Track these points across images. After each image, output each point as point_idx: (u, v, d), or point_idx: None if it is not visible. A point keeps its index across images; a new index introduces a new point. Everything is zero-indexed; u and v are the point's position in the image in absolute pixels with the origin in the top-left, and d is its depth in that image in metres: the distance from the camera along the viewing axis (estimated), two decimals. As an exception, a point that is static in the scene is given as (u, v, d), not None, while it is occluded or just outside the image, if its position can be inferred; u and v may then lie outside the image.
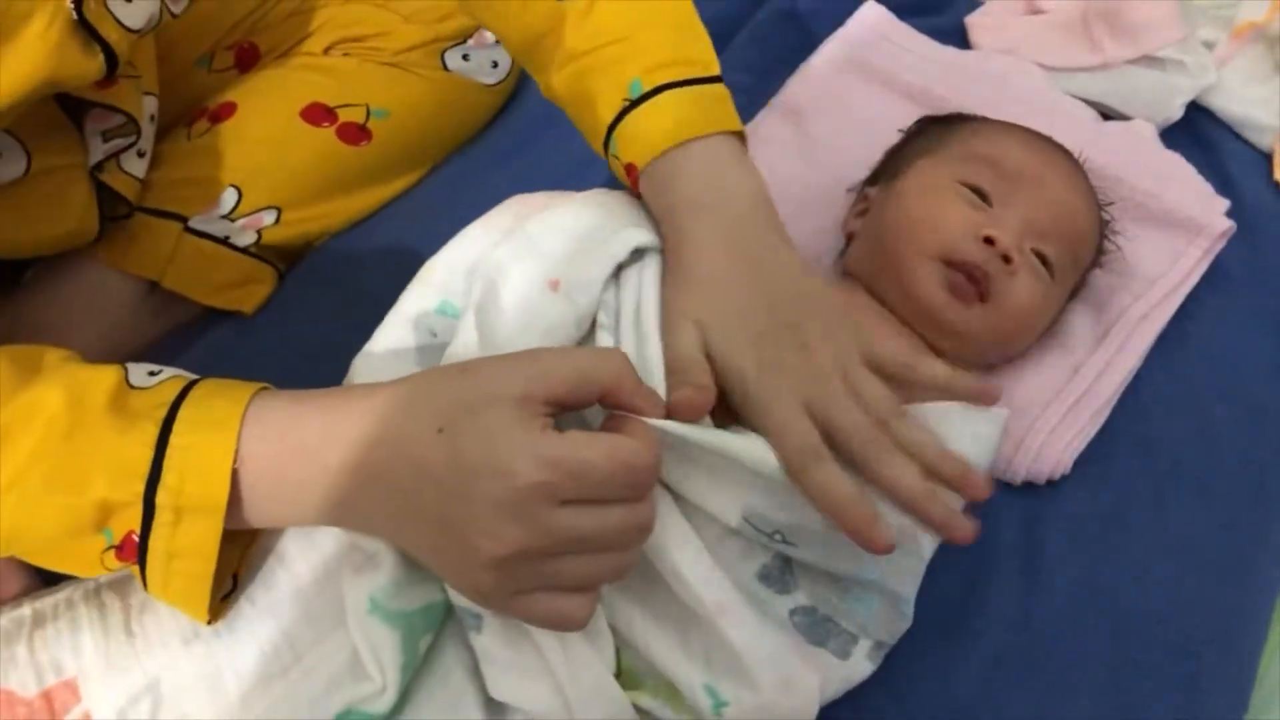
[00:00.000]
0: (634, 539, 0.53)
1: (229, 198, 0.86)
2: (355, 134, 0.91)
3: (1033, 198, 0.74)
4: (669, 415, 0.57)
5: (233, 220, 0.86)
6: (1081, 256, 0.78)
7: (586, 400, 0.53)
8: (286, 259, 0.91)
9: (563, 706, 0.56)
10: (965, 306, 0.71)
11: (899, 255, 0.73)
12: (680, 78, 0.67)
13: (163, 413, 0.53)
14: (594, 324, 0.63)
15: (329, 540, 0.60)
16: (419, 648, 0.57)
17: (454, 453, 0.50)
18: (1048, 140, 0.80)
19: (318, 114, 0.90)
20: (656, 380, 0.59)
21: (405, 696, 0.58)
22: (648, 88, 0.67)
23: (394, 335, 0.66)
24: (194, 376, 0.57)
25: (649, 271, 0.65)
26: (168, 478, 0.52)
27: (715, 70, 0.70)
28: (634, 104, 0.66)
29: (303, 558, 0.61)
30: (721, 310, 0.61)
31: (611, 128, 0.67)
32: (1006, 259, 0.71)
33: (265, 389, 0.56)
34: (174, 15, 0.72)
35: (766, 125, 0.97)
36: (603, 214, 0.66)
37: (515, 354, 0.54)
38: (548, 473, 0.48)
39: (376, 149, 0.92)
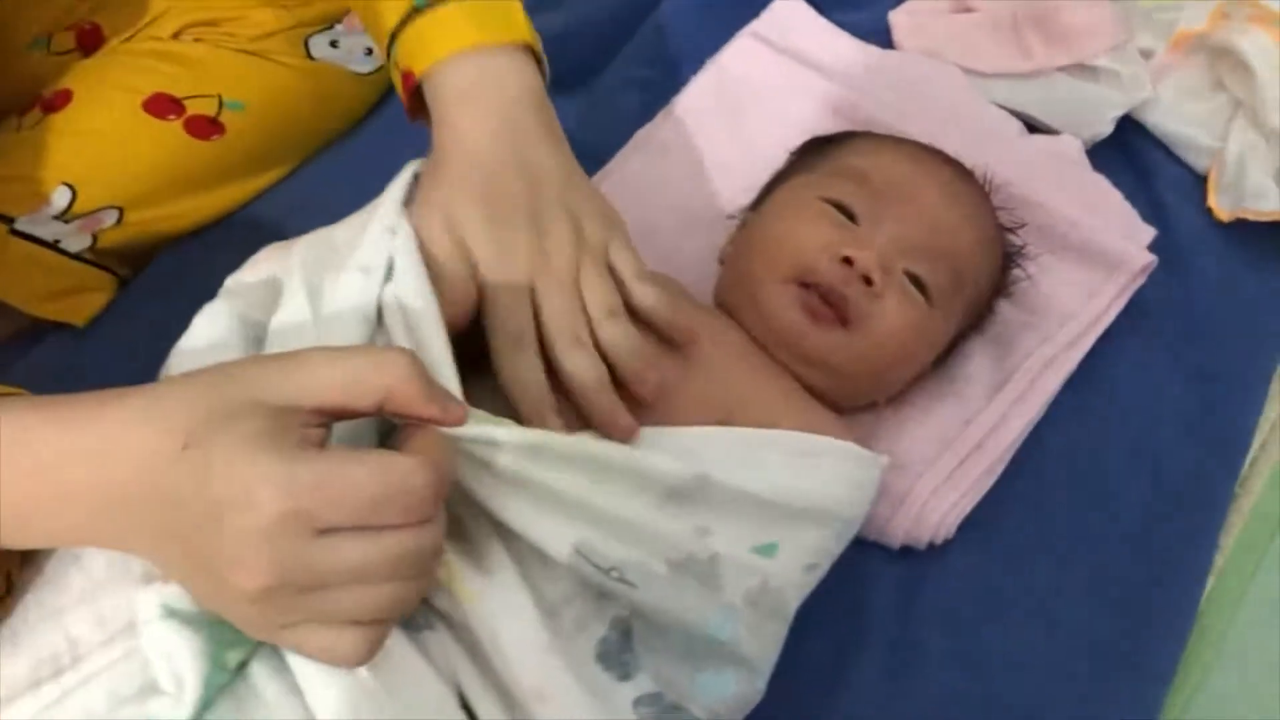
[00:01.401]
0: (416, 570, 0.47)
1: (61, 197, 0.79)
2: (205, 127, 0.83)
3: (903, 213, 0.67)
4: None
5: (66, 221, 0.79)
6: (965, 277, 0.70)
7: (364, 409, 0.47)
8: (130, 263, 0.84)
9: None
10: (824, 330, 0.65)
11: (753, 278, 0.67)
12: None
13: None
14: None
15: None
16: (226, 659, 0.50)
17: (199, 475, 0.44)
18: (931, 152, 0.73)
19: (163, 105, 0.82)
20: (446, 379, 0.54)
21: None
22: None
23: (218, 330, 0.60)
24: None
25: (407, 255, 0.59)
26: None
27: None
28: (418, 10, 0.64)
29: (100, 553, 0.54)
30: (469, 194, 0.60)
31: (395, 35, 0.65)
32: (868, 280, 0.64)
33: (9, 397, 0.50)
34: None
35: (663, 131, 0.89)
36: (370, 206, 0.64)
37: (280, 356, 0.47)
38: (299, 500, 0.43)
39: (231, 143, 0.84)
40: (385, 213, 0.61)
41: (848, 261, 0.64)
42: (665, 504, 0.55)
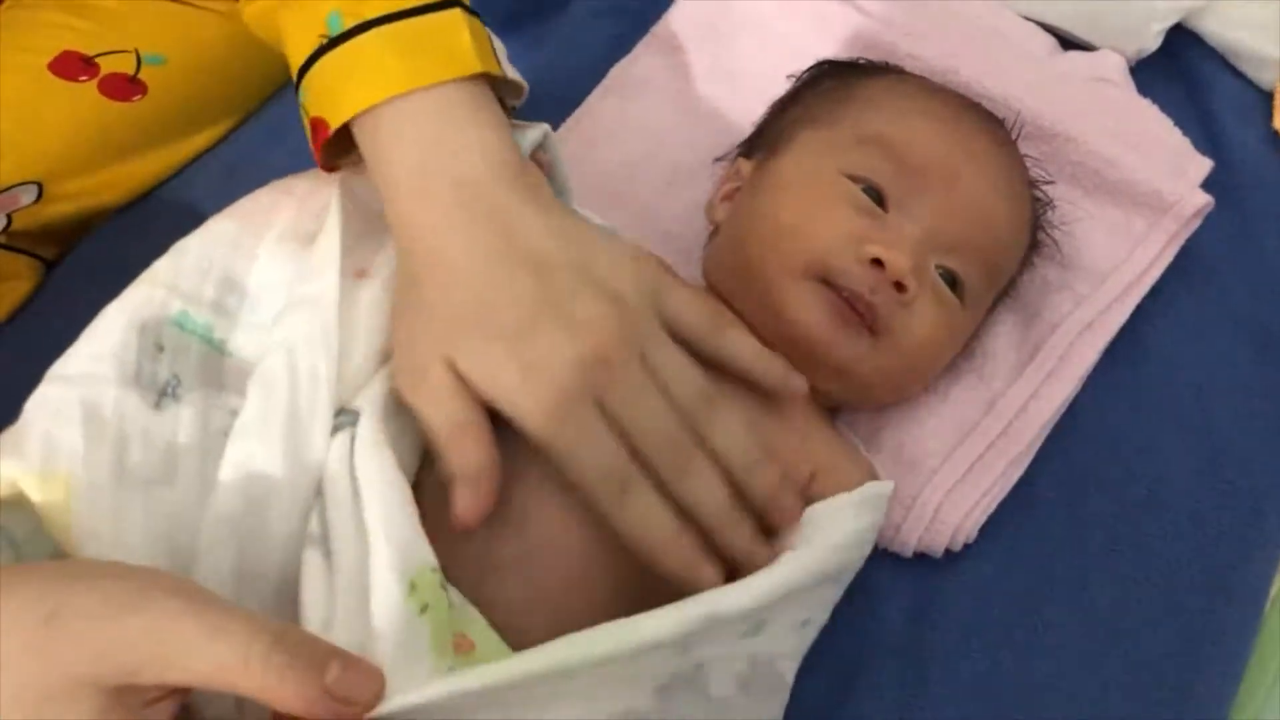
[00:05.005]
0: None
1: (-36, 176, 0.70)
2: (123, 87, 0.75)
3: (940, 201, 0.57)
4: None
5: (-28, 203, 0.71)
6: (1002, 268, 0.61)
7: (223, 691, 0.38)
8: (54, 244, 0.76)
9: None
10: (854, 339, 0.55)
11: (762, 271, 0.57)
12: (394, 8, 0.53)
13: None
14: None
15: None
16: None
17: None
18: (966, 110, 0.62)
19: (73, 65, 0.73)
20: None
21: None
22: (350, 23, 0.53)
23: (106, 346, 0.51)
24: None
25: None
26: None
27: None
28: (332, 43, 0.53)
29: None
30: (467, 318, 0.48)
31: (303, 71, 0.55)
32: (900, 286, 0.54)
33: None
34: None
35: (642, 66, 0.78)
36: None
37: (130, 603, 0.37)
38: None
39: (155, 103, 0.76)
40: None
41: (877, 263, 0.54)
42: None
